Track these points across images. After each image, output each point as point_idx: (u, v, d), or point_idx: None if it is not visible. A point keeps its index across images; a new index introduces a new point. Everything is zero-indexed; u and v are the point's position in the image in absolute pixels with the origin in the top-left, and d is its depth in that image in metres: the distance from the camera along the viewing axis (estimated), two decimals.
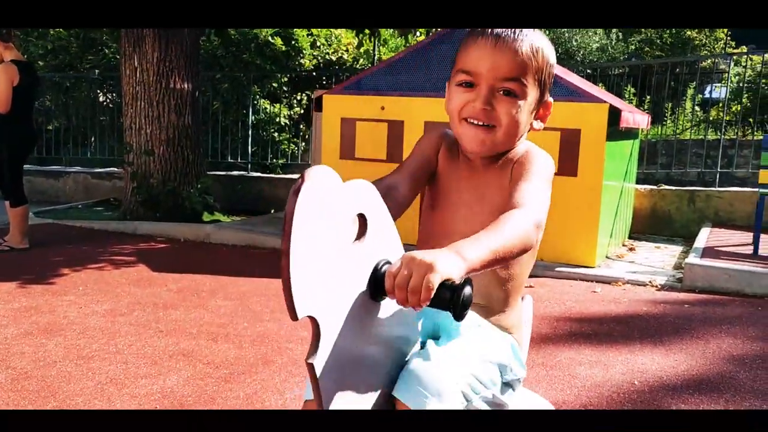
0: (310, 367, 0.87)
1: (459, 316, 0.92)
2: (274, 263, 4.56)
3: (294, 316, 0.83)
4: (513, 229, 1.03)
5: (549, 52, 1.22)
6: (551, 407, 1.41)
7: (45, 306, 3.43)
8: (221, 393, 2.42)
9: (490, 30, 1.18)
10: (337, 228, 0.89)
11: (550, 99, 1.26)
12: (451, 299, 0.91)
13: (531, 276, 4.72)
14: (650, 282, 4.16)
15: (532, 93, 1.19)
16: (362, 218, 0.94)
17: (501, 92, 1.16)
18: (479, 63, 1.16)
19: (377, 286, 0.95)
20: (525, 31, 1.18)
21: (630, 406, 2.39)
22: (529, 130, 1.24)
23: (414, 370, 1.04)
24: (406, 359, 1.09)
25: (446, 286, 0.90)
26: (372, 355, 1.01)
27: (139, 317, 3.28)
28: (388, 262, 0.96)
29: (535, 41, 1.18)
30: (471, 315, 1.21)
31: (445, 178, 1.28)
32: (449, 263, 0.91)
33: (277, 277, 4.22)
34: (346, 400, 0.95)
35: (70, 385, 2.46)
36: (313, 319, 0.88)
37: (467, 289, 0.92)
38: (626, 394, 2.50)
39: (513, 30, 1.17)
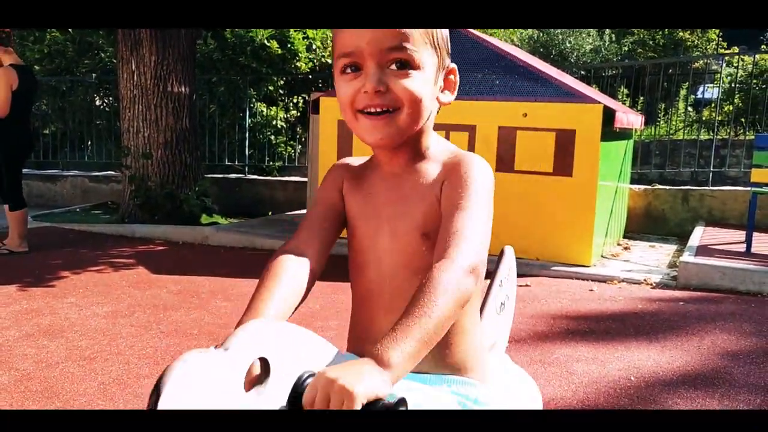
0: None
1: None
2: None
3: None
4: (444, 297, 0.87)
5: (434, 14, 1.03)
6: (535, 385, 1.37)
7: (46, 308, 3.45)
8: None
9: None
10: (226, 403, 0.76)
11: (452, 64, 1.08)
12: None
13: (528, 275, 4.73)
14: (645, 280, 4.21)
15: (429, 59, 1.00)
16: (264, 362, 0.80)
17: (392, 66, 0.97)
18: (358, 39, 0.97)
19: (297, 402, 0.81)
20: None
21: (627, 402, 2.43)
22: (439, 107, 1.06)
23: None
24: None
25: (377, 408, 0.77)
26: None
27: (140, 318, 3.31)
28: (312, 375, 0.83)
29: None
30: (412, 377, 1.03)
31: (356, 207, 1.09)
32: (372, 382, 0.77)
33: None
34: None
35: (73, 386, 2.49)
36: None
37: (401, 409, 0.80)
38: (623, 390, 2.54)
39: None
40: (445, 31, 1.06)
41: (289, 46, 8.26)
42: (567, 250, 4.46)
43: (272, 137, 8.14)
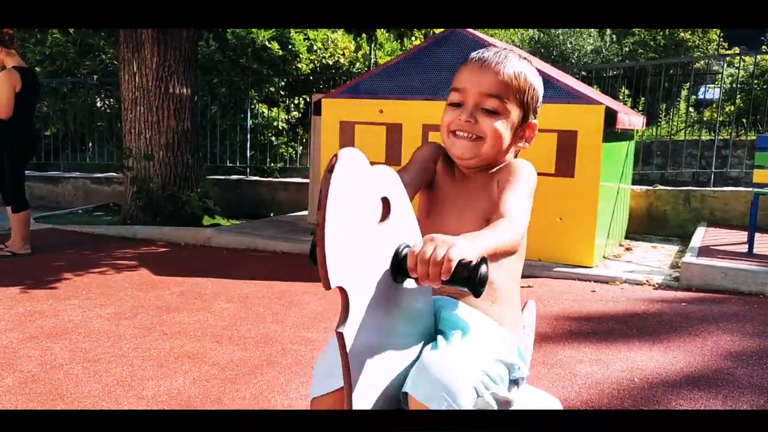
0: (340, 336, 0.92)
1: (477, 292, 0.98)
2: (275, 266, 4.60)
3: (327, 285, 0.88)
4: (505, 233, 1.16)
5: (533, 78, 1.36)
6: (559, 404, 1.45)
7: (49, 310, 3.46)
8: (227, 394, 2.45)
9: (478, 54, 1.35)
10: (365, 208, 0.95)
11: (535, 121, 1.39)
12: (470, 276, 0.97)
13: (530, 276, 4.73)
14: (647, 281, 4.21)
15: (514, 111, 1.33)
16: (386, 202, 1.00)
17: (483, 110, 1.31)
18: (466, 81, 1.32)
19: (399, 267, 1.01)
20: (511, 57, 1.35)
21: (630, 403, 2.44)
22: (514, 149, 1.39)
23: (426, 364, 1.08)
24: (418, 354, 1.12)
25: (464, 264, 0.97)
26: (394, 332, 1.05)
27: (143, 320, 3.31)
28: (408, 246, 1.03)
29: (518, 66, 1.33)
30: (476, 312, 1.25)
31: (441, 187, 1.39)
32: (466, 244, 1.01)
33: (279, 279, 4.25)
34: (370, 372, 0.98)
35: (77, 388, 2.49)
36: (343, 291, 0.92)
37: (483, 267, 0.99)
38: (626, 391, 2.54)
39: (501, 55, 1.33)
40: (540, 94, 1.39)
41: (290, 47, 8.26)
42: (569, 251, 4.47)
43: (273, 138, 8.14)
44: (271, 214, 6.67)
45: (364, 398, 0.98)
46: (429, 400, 1.05)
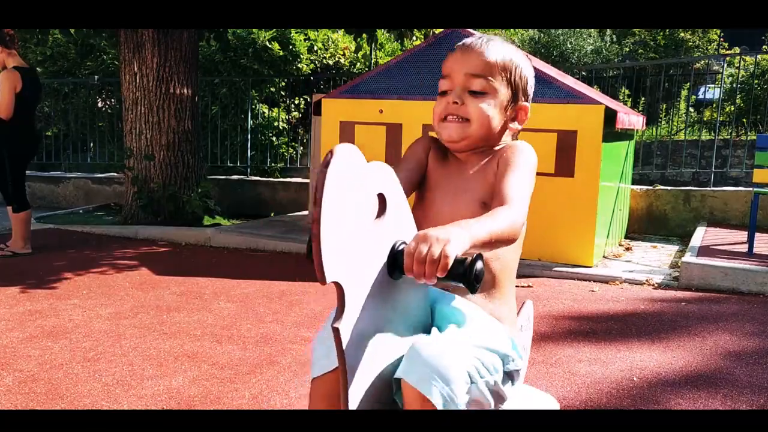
0: (336, 332, 0.92)
1: (473, 289, 0.99)
2: (275, 265, 4.61)
3: (323, 280, 0.88)
4: (504, 221, 1.16)
5: (519, 59, 1.36)
6: (556, 403, 1.45)
7: (49, 310, 3.46)
8: (227, 393, 2.46)
9: (464, 40, 1.36)
10: (361, 203, 0.95)
11: (526, 104, 1.38)
12: (465, 273, 0.97)
13: (530, 276, 4.73)
14: (647, 281, 4.21)
15: (502, 90, 1.33)
16: (382, 198, 1.01)
17: (470, 92, 1.32)
18: (451, 65, 1.34)
19: (395, 264, 1.02)
20: (496, 40, 1.35)
21: (629, 402, 2.44)
22: (506, 130, 1.38)
23: (418, 349, 1.07)
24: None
25: (459, 260, 0.98)
26: (390, 328, 1.06)
27: (143, 320, 3.32)
28: (404, 243, 1.03)
29: (502, 47, 1.34)
30: (471, 305, 1.26)
31: (434, 175, 1.39)
32: (460, 238, 1.01)
33: (279, 279, 4.26)
34: (366, 366, 0.99)
35: (77, 387, 2.50)
36: (339, 286, 0.92)
37: (479, 263, 0.99)
38: (625, 390, 2.54)
39: (484, 38, 1.34)
40: (528, 75, 1.37)
41: (290, 47, 8.27)
42: (569, 250, 4.47)
43: (274, 138, 8.15)
44: (272, 214, 6.68)
45: (361, 392, 0.99)
46: (421, 383, 1.04)
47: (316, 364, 1.18)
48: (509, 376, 1.28)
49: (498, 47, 1.33)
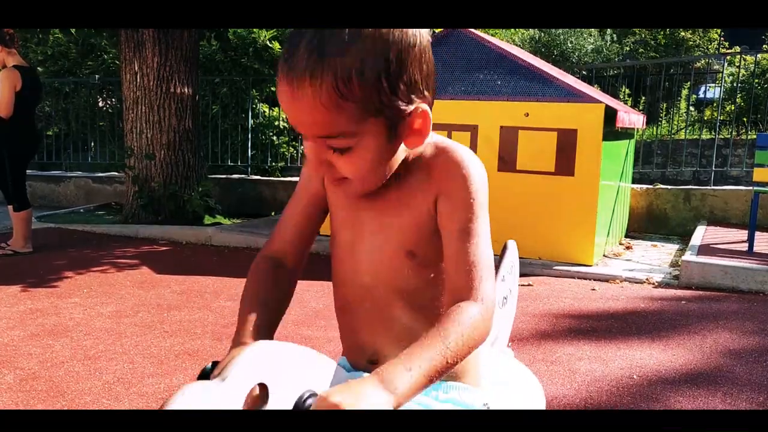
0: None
1: None
2: None
3: None
4: (466, 336, 0.83)
5: (382, 58, 0.84)
6: (539, 385, 1.37)
7: (50, 308, 3.47)
8: None
9: (285, 64, 0.85)
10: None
11: (423, 106, 0.90)
12: None
13: (530, 274, 4.72)
14: (647, 279, 4.22)
15: (372, 131, 0.87)
16: (263, 387, 0.79)
17: (330, 149, 0.89)
18: (290, 117, 0.89)
19: None
20: (327, 50, 0.83)
21: (629, 401, 2.44)
22: (403, 152, 0.94)
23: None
24: None
25: None
26: None
27: (144, 318, 3.32)
28: (313, 394, 0.82)
29: (343, 66, 0.82)
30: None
31: (340, 209, 1.03)
32: (375, 402, 0.76)
33: None
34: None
35: (78, 385, 2.50)
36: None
37: None
38: (625, 388, 2.55)
39: (309, 60, 0.83)
40: (409, 60, 0.88)
41: None
42: (569, 249, 4.47)
43: (274, 138, 8.15)
44: (272, 213, 6.69)
45: None
46: None
47: None
48: None
49: (340, 70, 0.82)
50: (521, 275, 1.30)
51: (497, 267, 1.34)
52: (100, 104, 8.98)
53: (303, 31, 0.86)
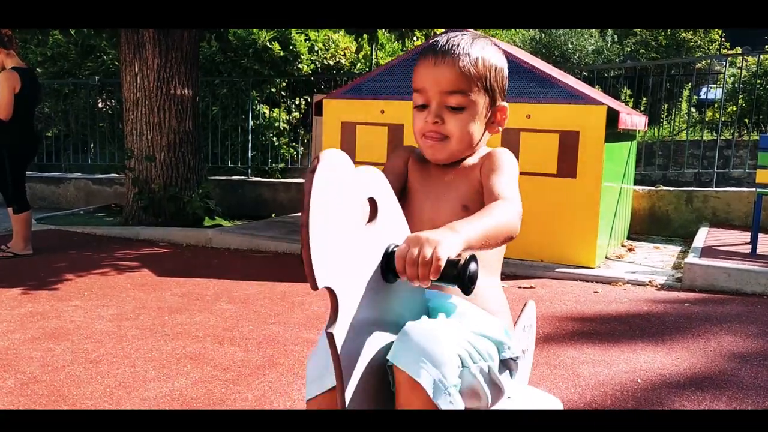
0: (330, 336, 0.91)
1: (467, 290, 0.98)
2: (277, 267, 4.59)
3: (314, 286, 0.87)
4: (502, 216, 1.13)
5: (494, 59, 1.30)
6: (560, 404, 1.43)
7: (51, 311, 3.45)
8: (230, 395, 2.45)
9: (432, 47, 1.27)
10: (351, 208, 0.94)
11: (504, 103, 1.33)
12: (459, 274, 0.97)
13: (532, 277, 4.70)
14: (650, 282, 4.20)
15: (480, 101, 1.28)
16: (373, 202, 1.00)
17: (448, 108, 1.27)
18: (425, 80, 1.27)
19: (389, 267, 1.01)
20: (465, 43, 1.26)
21: (634, 404, 2.42)
22: (487, 134, 1.34)
23: (409, 332, 1.05)
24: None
25: (453, 262, 0.97)
26: (385, 330, 1.05)
27: (145, 321, 3.31)
28: (398, 246, 1.01)
29: (475, 52, 1.26)
30: (463, 300, 1.24)
31: (415, 183, 1.36)
32: (452, 239, 0.99)
33: (280, 280, 4.25)
34: (360, 369, 0.98)
35: (79, 389, 2.48)
36: (331, 292, 0.91)
37: (473, 265, 0.98)
38: (630, 392, 2.53)
39: (454, 44, 1.26)
40: (504, 74, 1.33)
41: (291, 48, 8.26)
42: (571, 251, 4.46)
43: (275, 139, 8.14)
44: (273, 215, 6.67)
45: (358, 394, 0.98)
46: (409, 366, 1.01)
47: (310, 386, 1.16)
48: (506, 365, 1.26)
49: (471, 53, 1.26)
50: (523, 278, 1.43)
51: (518, 318, 1.49)
52: (100, 105, 8.96)
53: (438, 36, 1.29)
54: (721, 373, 2.72)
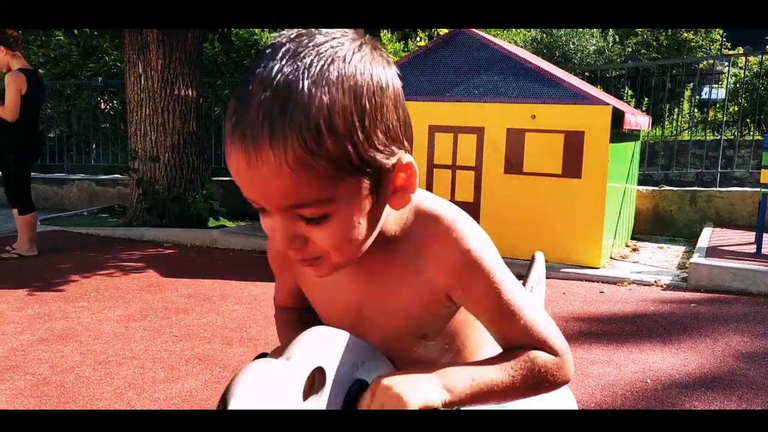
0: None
1: None
2: None
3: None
4: (534, 376, 0.81)
5: (349, 105, 0.69)
6: (574, 402, 1.41)
7: (58, 312, 3.45)
8: None
9: (236, 128, 0.70)
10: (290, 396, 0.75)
11: (404, 158, 0.77)
12: None
13: None
14: (656, 282, 4.20)
15: (351, 188, 0.73)
16: (320, 371, 0.77)
17: (302, 218, 0.74)
18: (247, 190, 0.73)
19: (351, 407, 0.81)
20: (294, 85, 0.68)
21: (645, 405, 2.43)
22: (398, 209, 0.81)
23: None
24: None
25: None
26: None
27: (153, 322, 3.31)
28: (364, 383, 0.80)
29: (307, 119, 0.67)
30: None
31: (317, 289, 0.93)
32: (428, 393, 0.74)
33: None
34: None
35: (89, 390, 2.49)
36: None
37: None
38: (640, 392, 2.53)
39: (265, 120, 0.67)
40: (387, 103, 0.75)
41: None
42: (576, 251, 4.46)
43: None
44: None
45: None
46: None
47: None
48: None
49: (312, 114, 0.67)
50: (527, 277, 1.29)
51: (526, 277, 1.33)
52: (102, 106, 8.97)
53: (250, 88, 0.70)
54: (730, 373, 2.73)
